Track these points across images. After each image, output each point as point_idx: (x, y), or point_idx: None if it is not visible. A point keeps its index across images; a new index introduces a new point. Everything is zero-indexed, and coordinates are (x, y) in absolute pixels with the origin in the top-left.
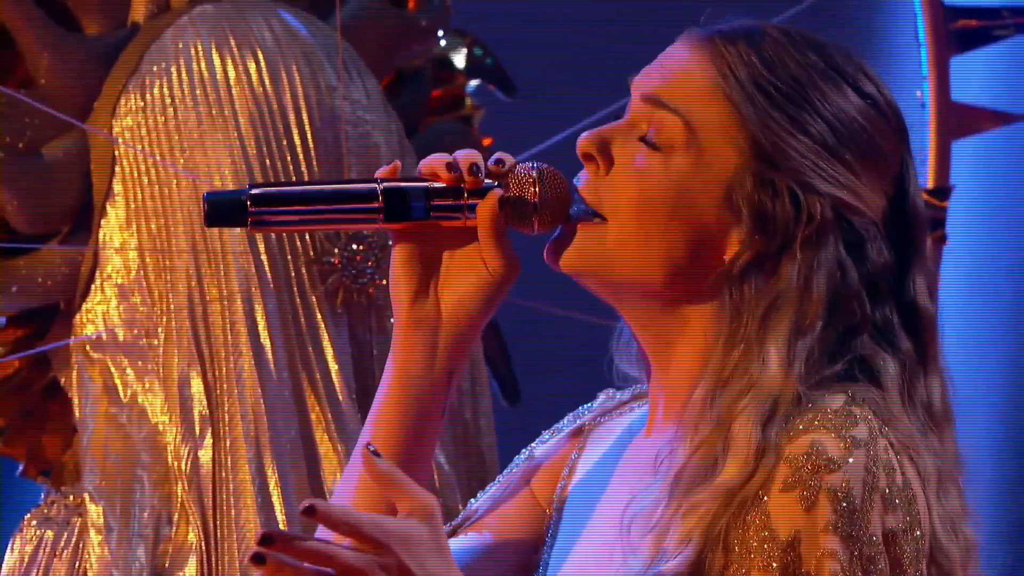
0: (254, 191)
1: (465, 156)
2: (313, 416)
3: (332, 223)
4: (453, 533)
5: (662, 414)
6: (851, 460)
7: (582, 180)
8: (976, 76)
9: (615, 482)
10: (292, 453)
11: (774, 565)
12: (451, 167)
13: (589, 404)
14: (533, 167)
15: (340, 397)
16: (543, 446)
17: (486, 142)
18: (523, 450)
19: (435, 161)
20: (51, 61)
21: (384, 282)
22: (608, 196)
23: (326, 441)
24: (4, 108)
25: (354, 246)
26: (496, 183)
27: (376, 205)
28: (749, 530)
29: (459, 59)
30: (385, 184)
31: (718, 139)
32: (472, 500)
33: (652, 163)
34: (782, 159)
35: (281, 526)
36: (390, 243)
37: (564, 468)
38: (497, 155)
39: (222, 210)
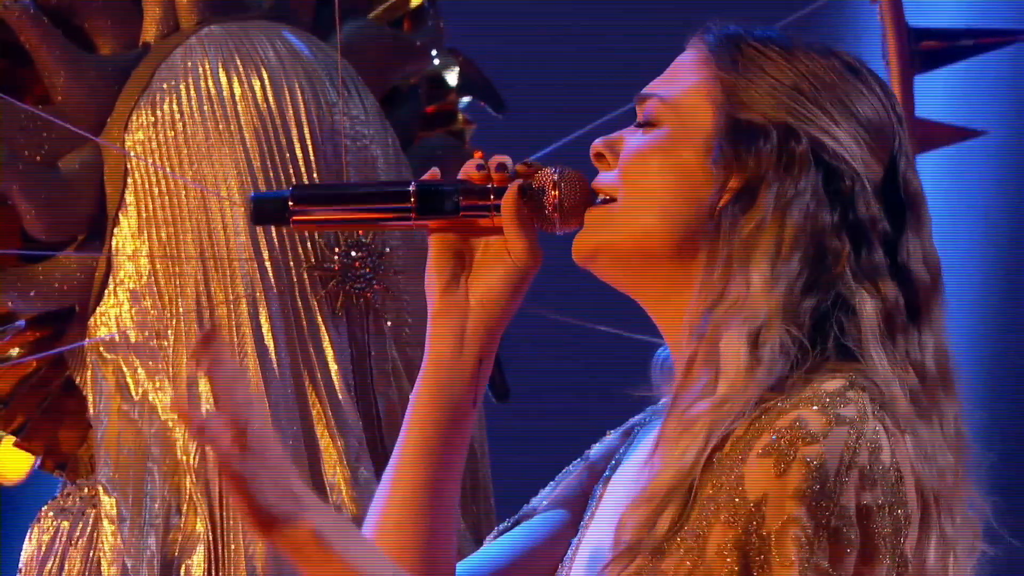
0: (296, 192)
1: (494, 158)
2: (314, 413)
3: (368, 222)
4: (510, 528)
5: None
6: (831, 435)
7: (596, 179)
8: (938, 93)
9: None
10: (294, 448)
11: (739, 522)
12: (480, 167)
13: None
14: (556, 169)
15: (339, 395)
16: (598, 446)
17: (477, 155)
18: (585, 451)
19: (467, 164)
20: (67, 79)
21: (379, 287)
22: (615, 180)
23: (326, 436)
24: (24, 123)
25: (353, 253)
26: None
27: (409, 204)
28: (723, 475)
29: (451, 77)
30: (418, 184)
31: (695, 99)
32: (532, 499)
33: (642, 139)
34: (753, 100)
35: None
36: (387, 250)
37: (611, 461)
38: (525, 159)
39: (266, 210)
